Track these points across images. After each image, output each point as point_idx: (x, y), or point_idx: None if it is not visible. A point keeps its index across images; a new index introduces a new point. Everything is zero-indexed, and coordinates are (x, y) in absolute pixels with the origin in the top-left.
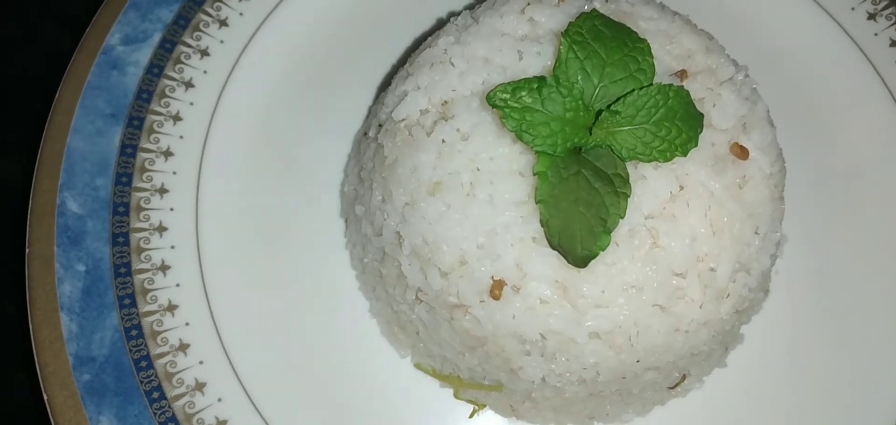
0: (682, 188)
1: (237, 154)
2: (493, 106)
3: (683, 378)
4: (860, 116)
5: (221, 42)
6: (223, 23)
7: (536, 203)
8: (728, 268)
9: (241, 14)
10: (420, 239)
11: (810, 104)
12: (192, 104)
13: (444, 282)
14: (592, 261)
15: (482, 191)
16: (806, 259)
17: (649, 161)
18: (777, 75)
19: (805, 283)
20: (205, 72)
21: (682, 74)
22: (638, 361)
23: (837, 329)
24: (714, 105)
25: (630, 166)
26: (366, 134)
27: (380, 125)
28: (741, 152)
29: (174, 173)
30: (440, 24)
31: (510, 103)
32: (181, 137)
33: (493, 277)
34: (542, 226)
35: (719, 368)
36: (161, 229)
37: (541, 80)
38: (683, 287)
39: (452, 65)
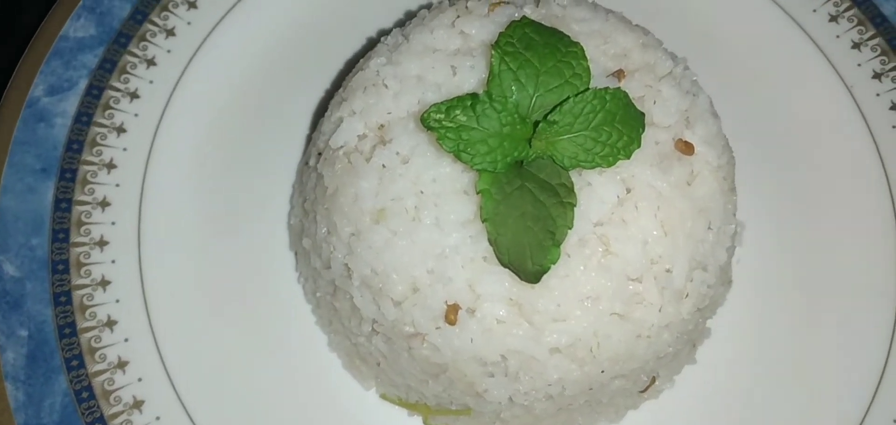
0: (629, 191)
1: (178, 198)
2: (429, 128)
3: (653, 380)
4: (807, 94)
5: (151, 82)
6: (151, 62)
7: (482, 221)
8: (684, 267)
9: (168, 51)
10: (369, 269)
11: (756, 87)
12: (125, 149)
13: (397, 311)
14: (545, 276)
15: (427, 215)
16: (767, 244)
17: (592, 167)
18: (721, 63)
19: (768, 269)
20: (136, 114)
21: (620, 74)
22: (603, 372)
23: (806, 310)
24: (654, 102)
25: (574, 174)
26: (307, 163)
27: (319, 154)
28: (686, 148)
29: (113, 223)
30: (371, 44)
31: (445, 123)
32: (118, 185)
33: (446, 302)
34: (491, 244)
35: (690, 365)
36: (104, 283)
37: (474, 96)
38: (640, 292)
39: (386, 86)
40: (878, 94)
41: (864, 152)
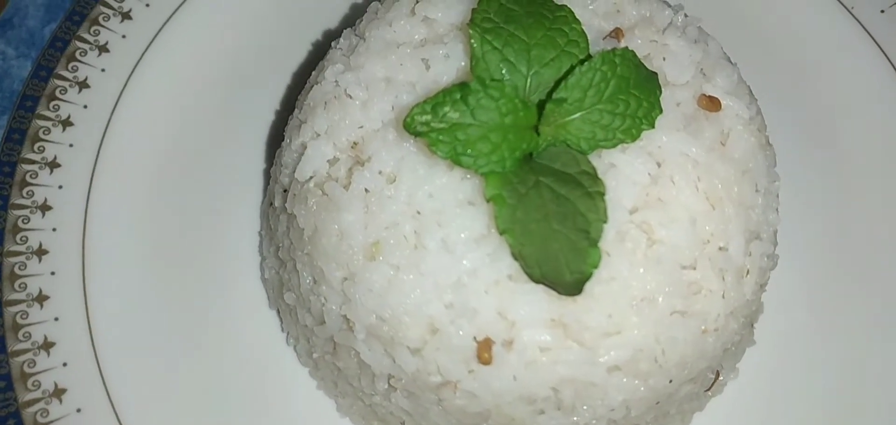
0: (660, 165)
1: (127, 260)
2: (415, 134)
3: (718, 375)
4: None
5: (84, 107)
6: (66, 122)
7: (500, 233)
8: (740, 241)
9: (85, 106)
10: (373, 317)
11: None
12: (61, 187)
13: (417, 360)
14: (587, 284)
15: (431, 239)
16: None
17: (614, 145)
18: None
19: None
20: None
21: (618, 34)
22: (670, 381)
23: (854, 271)
24: (664, 58)
25: (594, 158)
26: (271, 204)
27: (285, 190)
28: (711, 103)
29: (53, 273)
30: (320, 51)
31: (434, 125)
32: (54, 229)
33: (475, 338)
34: (516, 259)
35: (749, 347)
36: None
37: (463, 87)
38: (697, 280)
39: (350, 97)
40: None
41: None
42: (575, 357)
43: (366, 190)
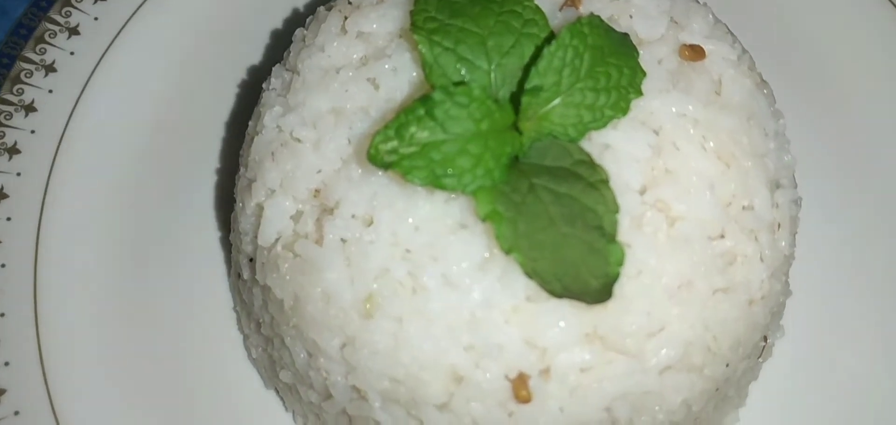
0: (658, 133)
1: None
2: (383, 166)
3: (765, 339)
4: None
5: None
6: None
7: (506, 253)
8: (764, 194)
9: (18, 174)
10: (386, 381)
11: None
12: (3, 265)
13: (448, 416)
14: (615, 286)
15: (430, 277)
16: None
17: (604, 124)
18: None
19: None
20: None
21: (575, 1)
22: (727, 365)
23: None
24: (631, 16)
25: (585, 144)
26: (239, 276)
27: (250, 259)
28: (694, 52)
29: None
30: (249, 95)
31: (403, 151)
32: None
33: (507, 376)
34: (531, 277)
35: (788, 299)
36: None
37: (425, 100)
38: (731, 248)
39: (297, 140)
40: None
41: None
42: (622, 369)
43: (342, 240)
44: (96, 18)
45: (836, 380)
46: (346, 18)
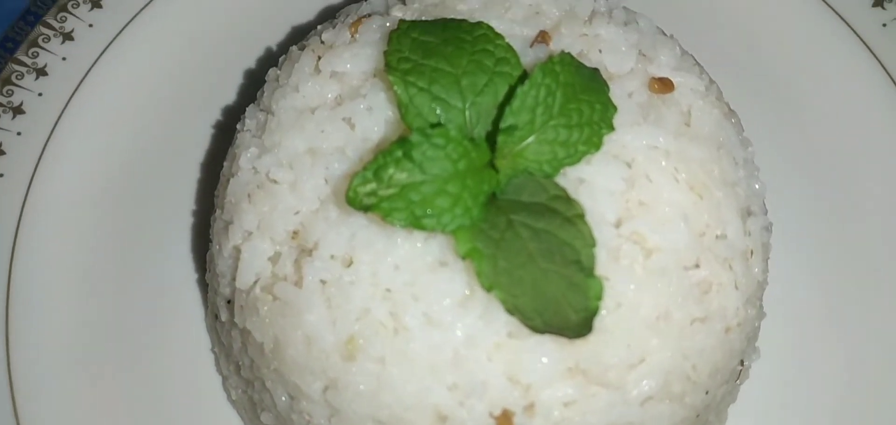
0: (630, 166)
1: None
2: (362, 208)
3: (742, 363)
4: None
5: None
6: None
7: (487, 290)
8: (736, 222)
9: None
10: (369, 423)
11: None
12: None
13: None
14: (596, 319)
15: (412, 317)
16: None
17: (578, 160)
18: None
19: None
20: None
21: (545, 37)
22: (707, 393)
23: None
24: (600, 50)
25: (560, 179)
26: (217, 318)
27: (228, 302)
28: (663, 85)
29: None
30: (223, 135)
31: (382, 193)
32: None
33: (491, 414)
34: (512, 314)
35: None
36: None
37: (403, 143)
38: (706, 277)
39: (274, 181)
40: None
41: None
42: (604, 401)
43: (322, 281)
44: (64, 58)
45: (812, 398)
46: (319, 58)
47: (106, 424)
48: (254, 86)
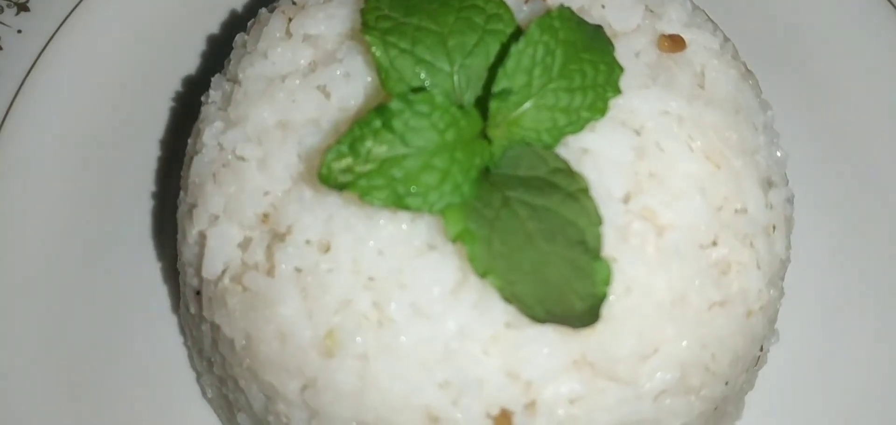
0: (639, 133)
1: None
2: (337, 186)
3: (761, 347)
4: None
5: None
6: None
7: (481, 277)
8: (757, 195)
9: None
10: None
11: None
12: None
13: None
14: (603, 306)
15: (397, 308)
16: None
17: (581, 127)
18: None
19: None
20: None
21: None
22: (726, 383)
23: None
24: (603, 6)
25: (561, 150)
26: (188, 309)
27: (197, 292)
28: (673, 43)
29: None
30: (186, 108)
31: (359, 169)
32: None
33: (489, 415)
34: (511, 302)
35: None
36: None
37: (382, 110)
38: (725, 256)
39: (241, 158)
40: None
41: None
42: (614, 397)
43: (297, 269)
44: (19, 31)
45: (832, 383)
46: (290, 20)
47: None
48: (220, 54)
